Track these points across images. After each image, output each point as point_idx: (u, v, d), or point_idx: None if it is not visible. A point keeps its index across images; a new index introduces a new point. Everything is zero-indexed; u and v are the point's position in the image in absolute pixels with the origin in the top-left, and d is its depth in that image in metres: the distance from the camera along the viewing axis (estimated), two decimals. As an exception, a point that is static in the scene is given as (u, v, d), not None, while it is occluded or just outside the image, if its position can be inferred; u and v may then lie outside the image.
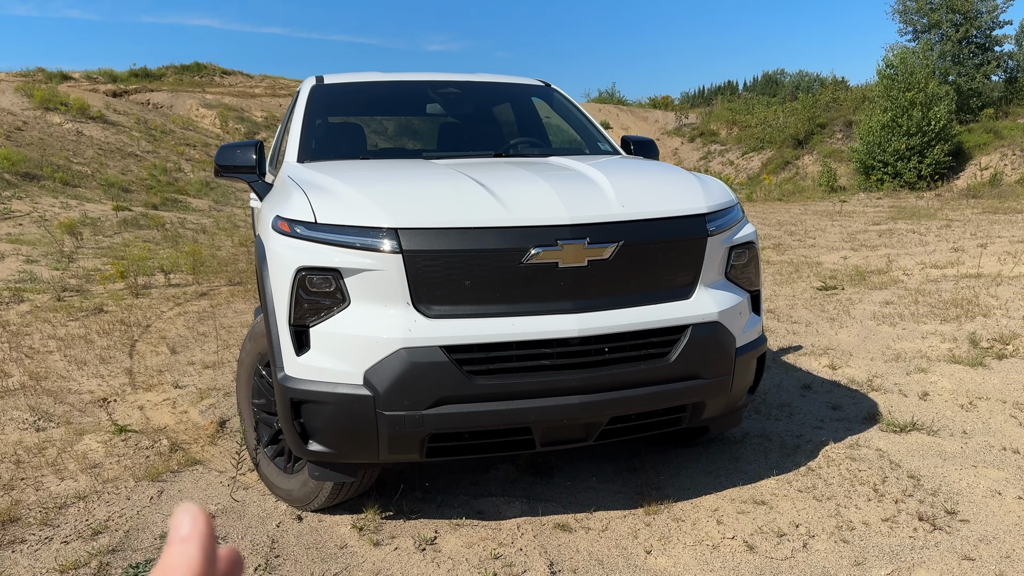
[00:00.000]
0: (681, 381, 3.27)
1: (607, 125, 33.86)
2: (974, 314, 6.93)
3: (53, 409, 4.94)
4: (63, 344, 6.48)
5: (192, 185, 20.78)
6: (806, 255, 11.05)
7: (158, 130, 25.54)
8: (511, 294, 3.05)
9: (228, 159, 4.38)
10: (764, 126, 30.75)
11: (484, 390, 3.02)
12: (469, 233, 3.02)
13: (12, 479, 3.91)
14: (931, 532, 3.28)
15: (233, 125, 28.60)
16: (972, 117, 25.62)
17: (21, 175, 16.69)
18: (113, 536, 3.33)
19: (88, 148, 21.22)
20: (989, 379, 5.21)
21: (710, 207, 3.42)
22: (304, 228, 3.11)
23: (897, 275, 9.06)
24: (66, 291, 8.59)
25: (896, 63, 22.99)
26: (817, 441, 4.26)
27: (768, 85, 51.67)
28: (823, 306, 7.60)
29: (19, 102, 23.11)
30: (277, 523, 3.46)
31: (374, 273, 2.99)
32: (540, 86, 5.38)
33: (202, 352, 6.32)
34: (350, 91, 5.07)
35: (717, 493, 3.70)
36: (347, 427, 3.05)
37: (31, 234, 12.20)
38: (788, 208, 18.98)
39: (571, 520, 3.46)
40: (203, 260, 10.59)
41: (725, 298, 3.42)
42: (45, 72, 29.79)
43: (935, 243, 11.54)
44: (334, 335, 3.03)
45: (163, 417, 4.86)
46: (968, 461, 3.96)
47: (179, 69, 34.57)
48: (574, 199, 3.18)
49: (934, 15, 26.97)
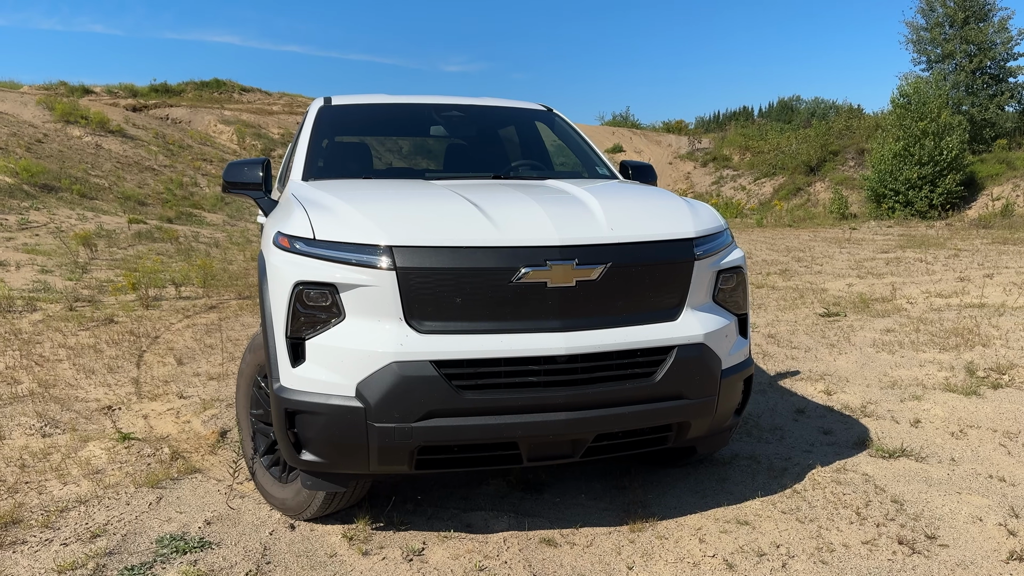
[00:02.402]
0: (666, 401, 3.35)
1: (619, 148, 34.07)
2: (974, 343, 6.97)
3: (60, 416, 5.06)
4: (73, 353, 6.62)
5: (207, 200, 21.05)
6: (812, 281, 11.10)
7: (176, 145, 25.91)
8: (501, 312, 3.14)
9: (236, 176, 4.51)
10: (777, 152, 30.85)
11: (472, 405, 3.11)
12: (461, 252, 3.12)
13: (16, 482, 4.02)
14: (909, 556, 3.33)
15: (250, 141, 28.97)
16: (985, 147, 25.65)
17: (40, 186, 16.99)
18: (111, 539, 3.43)
19: (106, 161, 21.56)
20: (982, 408, 5.25)
21: (698, 232, 3.51)
22: (303, 244, 3.23)
23: (901, 303, 9.10)
24: (78, 301, 8.75)
25: (910, 92, 23.08)
26: (805, 464, 4.32)
27: (783, 111, 51.83)
28: (824, 332, 7.66)
29: (40, 115, 23.53)
30: (270, 531, 3.55)
31: (369, 289, 3.10)
32: (542, 111, 5.51)
33: (208, 364, 6.44)
34: (356, 112, 5.21)
35: (702, 512, 3.76)
36: (339, 438, 3.14)
37: (47, 245, 12.42)
38: (798, 234, 19.03)
39: (557, 535, 3.53)
40: (214, 273, 10.76)
41: (711, 320, 3.50)
42: (67, 86, 30.35)
43: (942, 272, 11.56)
44: (329, 348, 3.13)
45: (166, 426, 4.97)
46: (953, 487, 4.01)
47: (199, 85, 35.09)
48: (564, 221, 3.28)
49: (948, 45, 27.08)
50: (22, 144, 19.81)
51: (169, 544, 3.36)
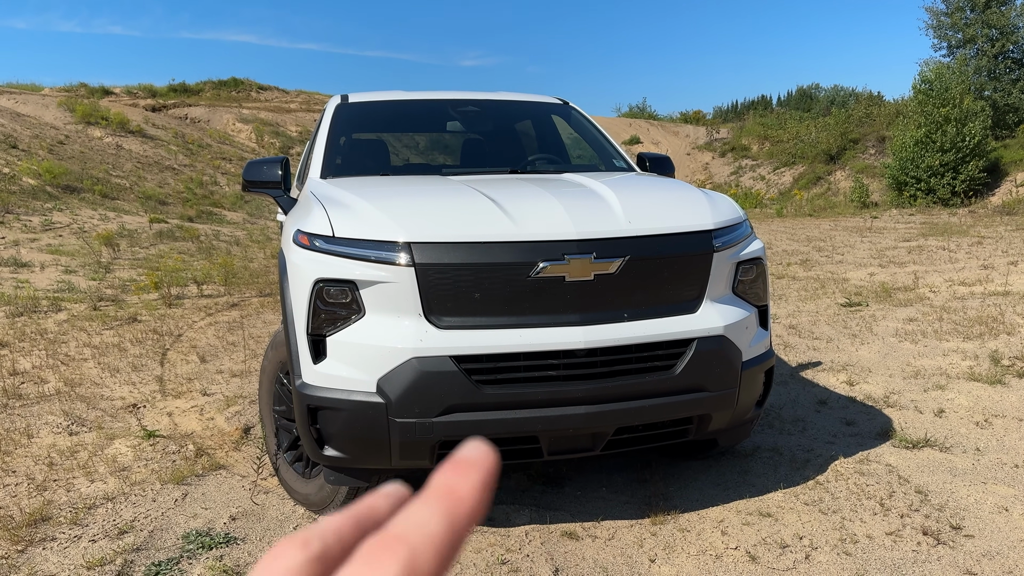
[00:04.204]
0: (686, 393, 3.35)
1: (637, 140, 33.90)
2: (998, 332, 6.89)
3: (86, 414, 5.13)
4: (97, 352, 6.70)
5: (227, 198, 21.20)
6: (833, 271, 11.02)
7: (195, 144, 26.10)
8: (519, 306, 3.15)
9: (255, 175, 4.54)
10: (796, 141, 30.56)
11: (492, 399, 3.12)
12: (479, 247, 3.13)
13: (45, 480, 4.08)
14: (934, 547, 3.31)
15: (268, 139, 29.12)
16: (1008, 133, 25.26)
17: (62, 187, 17.18)
18: (138, 536, 3.47)
19: (127, 161, 21.75)
20: (1007, 397, 5.20)
21: (717, 223, 3.50)
22: (323, 241, 3.25)
23: (923, 292, 9.01)
24: (102, 301, 8.85)
25: (931, 78, 22.79)
26: (828, 456, 4.29)
27: (802, 100, 51.38)
28: (846, 323, 7.60)
29: (62, 116, 23.77)
30: (295, 526, 3.58)
31: (388, 285, 3.11)
32: (558, 104, 5.50)
33: (231, 361, 6.50)
34: (373, 109, 5.23)
35: (724, 505, 3.76)
36: (361, 433, 3.17)
37: (70, 245, 12.57)
38: (818, 224, 18.88)
39: (579, 528, 3.54)
40: (235, 272, 10.84)
41: (731, 312, 3.49)
42: (87, 87, 30.61)
43: (965, 260, 11.43)
44: (349, 344, 3.16)
45: (190, 423, 5.02)
46: (978, 478, 3.98)
47: (216, 84, 35.27)
48: (582, 215, 3.28)
49: (969, 30, 26.69)
50: (44, 146, 20.04)
51: (195, 540, 3.40)
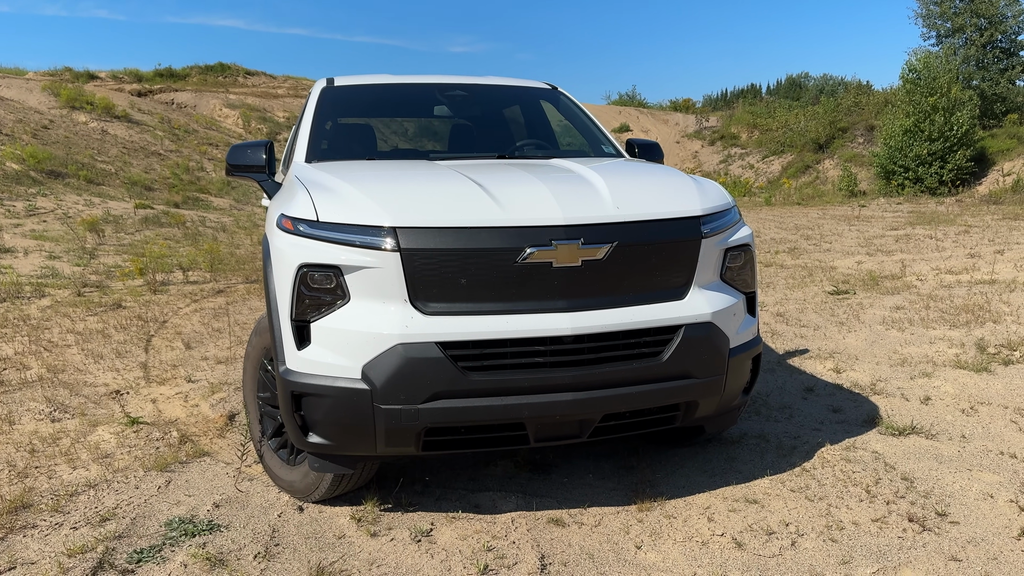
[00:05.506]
0: (674, 380, 3.33)
1: (626, 127, 33.85)
2: (984, 320, 6.92)
3: (69, 401, 5.08)
4: (81, 338, 6.64)
5: (214, 184, 21.05)
6: (821, 259, 11.04)
7: (181, 129, 25.88)
8: (506, 292, 3.12)
9: (239, 158, 4.48)
10: (785, 130, 30.61)
11: (478, 386, 3.09)
12: (465, 232, 3.10)
13: (27, 467, 4.04)
14: (920, 533, 3.31)
15: (255, 125, 28.92)
16: (996, 122, 25.37)
17: (47, 173, 17.00)
18: (120, 523, 3.44)
19: (112, 147, 21.56)
20: (993, 384, 5.21)
21: (705, 209, 3.48)
22: (307, 226, 3.20)
23: (910, 280, 9.04)
24: (86, 287, 8.78)
25: (919, 67, 22.82)
26: (814, 443, 4.30)
27: (792, 88, 51.45)
28: (833, 310, 7.61)
29: (46, 101, 23.52)
30: (279, 513, 3.55)
31: (373, 270, 3.08)
32: (547, 89, 5.45)
33: (216, 348, 6.45)
34: (359, 93, 5.17)
35: (711, 491, 3.75)
36: (345, 420, 3.14)
37: (55, 231, 12.45)
38: (807, 212, 18.92)
39: (565, 515, 3.53)
40: (221, 258, 10.77)
41: (719, 299, 3.47)
42: (72, 72, 30.28)
43: (952, 249, 11.48)
44: (334, 330, 3.12)
45: (174, 410, 4.98)
46: (964, 464, 3.99)
47: (203, 69, 34.97)
48: (569, 200, 3.25)
49: (958, 19, 26.74)
50: (28, 130, 19.82)
51: (178, 527, 3.37)
